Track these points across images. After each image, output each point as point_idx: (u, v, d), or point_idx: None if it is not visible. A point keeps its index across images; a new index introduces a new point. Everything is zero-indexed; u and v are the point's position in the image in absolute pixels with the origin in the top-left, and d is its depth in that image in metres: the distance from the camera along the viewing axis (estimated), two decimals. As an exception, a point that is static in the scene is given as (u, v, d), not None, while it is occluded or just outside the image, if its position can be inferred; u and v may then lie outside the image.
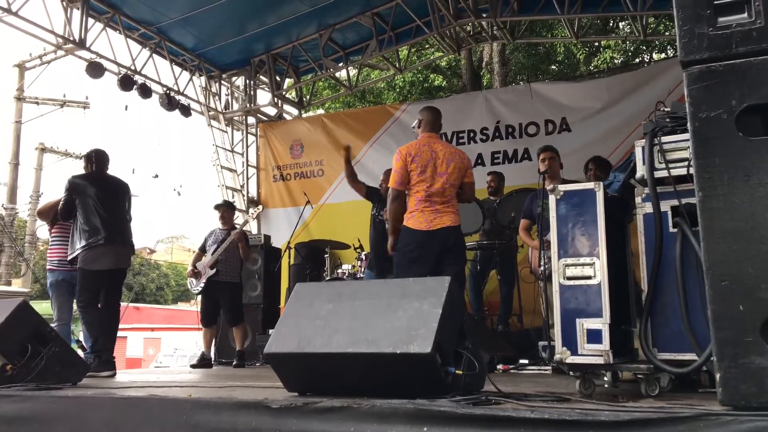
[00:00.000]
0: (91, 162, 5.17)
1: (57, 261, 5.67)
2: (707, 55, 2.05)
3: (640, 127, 7.58)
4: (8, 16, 6.83)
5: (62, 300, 5.62)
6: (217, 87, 9.81)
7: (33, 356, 3.32)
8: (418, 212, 4.35)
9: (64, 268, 5.61)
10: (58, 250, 5.69)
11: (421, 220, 4.33)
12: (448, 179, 4.39)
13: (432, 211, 4.34)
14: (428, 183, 4.35)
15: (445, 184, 4.38)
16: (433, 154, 4.40)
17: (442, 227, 4.33)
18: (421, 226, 4.32)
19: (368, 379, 2.41)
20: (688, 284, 2.60)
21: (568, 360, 2.58)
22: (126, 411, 2.61)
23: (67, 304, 5.66)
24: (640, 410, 1.97)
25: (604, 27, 12.38)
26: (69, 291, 5.61)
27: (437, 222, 4.33)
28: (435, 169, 4.37)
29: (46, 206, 5.85)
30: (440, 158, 4.40)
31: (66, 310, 5.65)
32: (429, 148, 4.43)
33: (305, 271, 7.52)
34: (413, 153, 4.39)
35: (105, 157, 5.23)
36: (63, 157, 20.63)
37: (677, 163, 2.67)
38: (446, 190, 4.39)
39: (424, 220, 4.33)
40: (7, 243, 17.99)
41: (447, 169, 4.39)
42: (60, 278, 5.62)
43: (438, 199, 4.36)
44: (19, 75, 16.55)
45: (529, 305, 6.43)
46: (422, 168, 4.35)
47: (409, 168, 4.37)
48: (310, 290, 2.82)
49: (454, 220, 4.41)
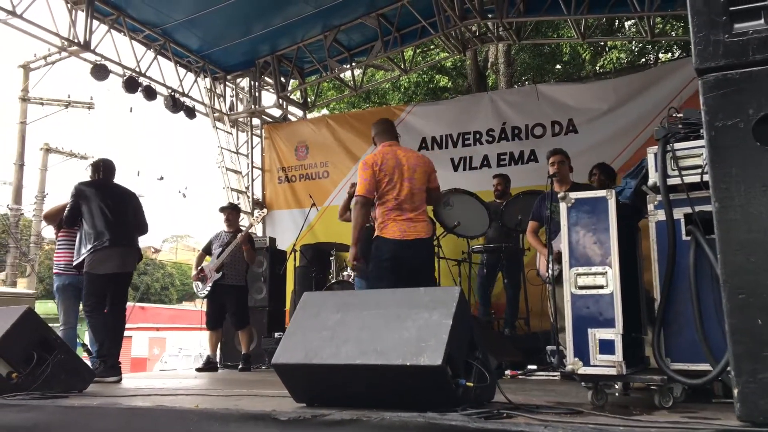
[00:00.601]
0: (98, 171, 5.17)
1: (63, 265, 5.67)
2: (723, 62, 2.01)
3: (648, 128, 7.57)
4: (13, 18, 6.81)
5: (68, 304, 5.62)
6: (222, 88, 9.79)
7: (38, 364, 3.30)
8: (390, 221, 4.27)
9: (70, 272, 5.59)
10: (65, 254, 5.69)
11: (395, 230, 4.25)
12: (414, 184, 4.32)
13: (404, 220, 4.27)
14: (397, 190, 4.28)
15: (413, 189, 4.31)
16: (398, 161, 4.33)
17: (417, 239, 4.26)
18: (395, 235, 4.24)
19: (377, 390, 2.38)
20: (701, 293, 2.56)
21: (580, 371, 2.54)
22: (132, 421, 2.58)
23: (73, 308, 5.66)
24: (656, 425, 1.94)
25: (611, 27, 12.32)
26: (75, 295, 5.61)
27: (411, 233, 4.26)
28: (402, 175, 4.30)
29: (52, 210, 5.84)
30: (404, 164, 4.34)
31: (72, 314, 5.64)
32: (393, 155, 4.36)
33: (311, 274, 7.49)
34: (379, 162, 4.31)
35: (112, 167, 5.25)
36: (68, 158, 20.68)
37: (690, 170, 2.64)
38: (415, 195, 4.32)
39: (398, 230, 4.25)
40: (12, 243, 18.02)
41: (413, 174, 4.33)
42: (66, 282, 5.61)
43: (408, 206, 4.29)
44: (24, 76, 16.57)
45: (536, 308, 6.39)
46: (390, 176, 4.28)
47: (378, 177, 4.27)
48: (317, 300, 2.78)
49: (427, 230, 4.37)
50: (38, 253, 20.20)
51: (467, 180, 7.59)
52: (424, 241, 4.32)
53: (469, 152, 8.46)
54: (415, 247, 4.23)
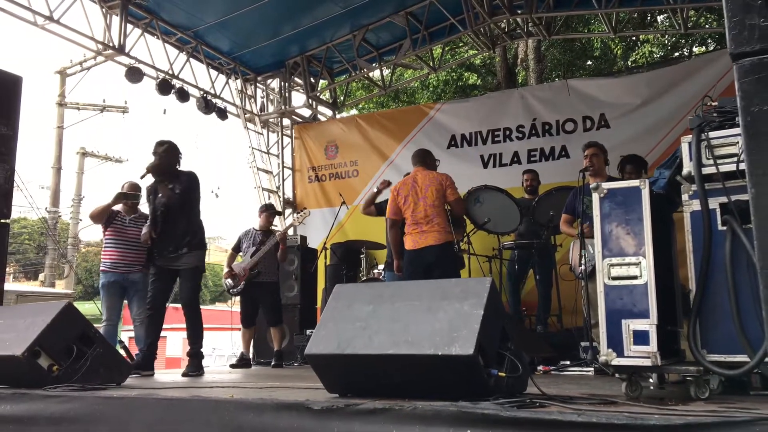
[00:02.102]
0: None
1: (109, 263, 5.80)
2: (758, 46, 1.97)
3: (682, 122, 7.45)
4: (50, 23, 6.99)
5: (112, 301, 5.75)
6: (253, 90, 9.89)
7: (78, 357, 3.37)
8: (408, 235, 5.24)
9: (115, 270, 5.75)
10: (111, 253, 5.83)
11: (410, 242, 5.21)
12: (426, 202, 5.16)
13: (418, 233, 5.16)
14: (412, 209, 5.20)
15: (426, 207, 5.15)
16: (414, 184, 5.26)
17: (425, 246, 5.12)
18: (409, 246, 5.21)
19: (409, 381, 2.39)
20: (738, 283, 2.52)
21: (613, 362, 2.52)
22: (169, 411, 2.63)
23: (116, 305, 5.79)
24: (693, 414, 1.91)
25: (642, 21, 12.14)
26: (119, 293, 5.75)
27: (421, 242, 5.13)
28: (416, 195, 5.21)
29: (97, 210, 5.90)
30: (419, 185, 5.24)
31: (115, 312, 5.77)
32: (412, 180, 5.32)
33: (341, 272, 7.54)
34: (398, 188, 5.36)
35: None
36: (103, 161, 21.11)
37: (726, 158, 2.59)
38: (428, 211, 5.15)
39: (412, 241, 5.19)
40: (50, 245, 18.46)
41: (426, 193, 5.19)
42: (111, 279, 5.75)
43: (422, 220, 5.16)
44: (61, 81, 16.99)
45: (569, 305, 6.32)
46: (405, 198, 5.25)
47: (398, 201, 5.28)
48: (349, 292, 2.81)
49: (437, 238, 5.12)
50: (75, 255, 20.65)
51: (497, 177, 7.55)
52: (432, 247, 5.11)
53: (498, 149, 8.41)
54: (424, 252, 5.11)
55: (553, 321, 6.58)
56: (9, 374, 3.33)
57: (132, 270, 5.80)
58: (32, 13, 6.85)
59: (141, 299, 5.81)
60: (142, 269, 5.82)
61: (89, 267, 29.64)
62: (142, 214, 6.06)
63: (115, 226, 5.86)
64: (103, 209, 5.82)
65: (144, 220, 5.95)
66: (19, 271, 28.16)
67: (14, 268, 26.53)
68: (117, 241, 5.83)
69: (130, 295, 5.82)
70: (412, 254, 5.17)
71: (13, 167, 4.58)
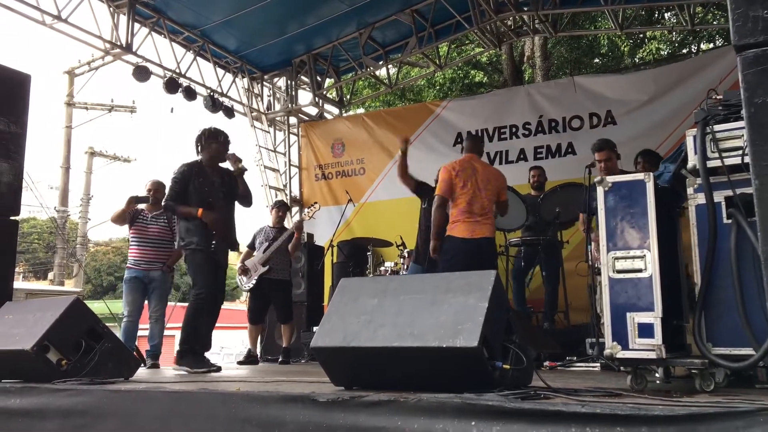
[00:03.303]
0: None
1: (132, 260, 5.92)
2: (762, 38, 1.98)
3: (689, 119, 7.40)
4: (59, 23, 7.04)
5: (133, 297, 5.82)
6: (260, 88, 9.93)
7: (86, 352, 3.40)
8: (460, 222, 5.00)
9: (137, 267, 5.84)
10: (134, 250, 5.95)
11: (463, 230, 4.98)
12: (487, 195, 5.08)
13: (473, 222, 5.00)
14: (469, 196, 5.02)
15: (485, 200, 5.06)
16: (474, 173, 5.10)
17: (482, 237, 4.99)
18: (463, 234, 4.97)
19: (414, 373, 2.40)
20: (743, 276, 2.51)
21: (618, 355, 2.53)
22: (177, 404, 2.66)
23: (138, 301, 5.86)
24: (697, 405, 1.92)
25: (649, 18, 12.09)
26: (140, 289, 5.82)
27: (478, 232, 4.98)
28: (477, 185, 5.06)
29: (115, 214, 6.02)
30: (480, 176, 5.10)
31: (136, 308, 5.85)
32: (471, 165, 5.14)
33: (348, 269, 7.56)
34: (457, 168, 5.10)
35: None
36: (111, 161, 21.20)
37: (731, 152, 2.58)
38: (485, 206, 5.06)
39: (466, 230, 4.98)
40: (59, 245, 18.57)
41: (487, 187, 5.09)
42: (133, 275, 5.85)
43: (479, 211, 5.02)
44: (69, 81, 17.07)
45: (576, 302, 6.32)
46: (464, 182, 5.03)
47: (454, 181, 5.03)
48: (355, 285, 2.83)
49: (491, 231, 5.08)
50: (84, 254, 20.76)
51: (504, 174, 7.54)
52: (488, 239, 5.04)
53: (505, 146, 8.42)
54: (479, 242, 4.96)
55: (559, 318, 6.57)
56: (18, 368, 3.36)
57: (152, 267, 5.88)
58: (41, 12, 6.91)
59: (159, 296, 5.90)
60: (162, 267, 5.89)
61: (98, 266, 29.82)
62: (164, 212, 6.11)
63: (138, 224, 5.98)
64: (118, 214, 5.97)
65: (164, 216, 6.01)
66: (29, 271, 28.34)
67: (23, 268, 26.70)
68: (139, 239, 5.95)
69: (149, 291, 5.89)
70: (465, 243, 4.95)
71: (22, 165, 4.61)
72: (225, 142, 4.92)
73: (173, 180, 4.79)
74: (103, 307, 9.77)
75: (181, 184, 4.75)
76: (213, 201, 4.74)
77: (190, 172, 4.76)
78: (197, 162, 4.87)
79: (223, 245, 4.80)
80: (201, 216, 4.61)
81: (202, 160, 4.88)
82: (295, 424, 2.29)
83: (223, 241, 4.78)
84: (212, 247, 4.65)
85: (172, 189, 4.78)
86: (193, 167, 4.80)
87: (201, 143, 4.90)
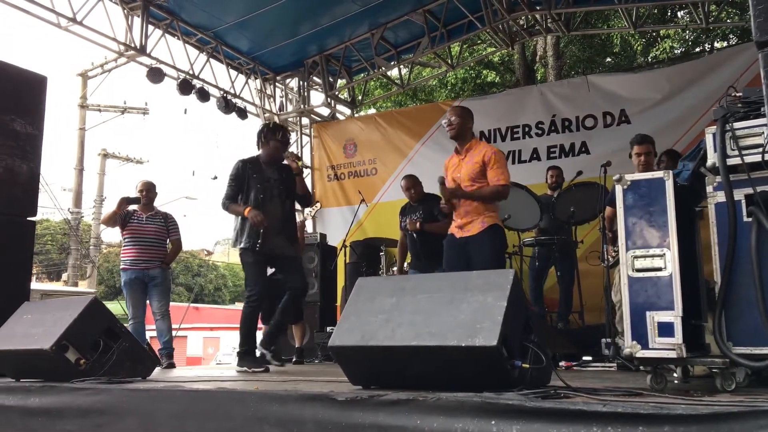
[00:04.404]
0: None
1: (129, 261, 5.90)
2: (785, 34, 1.96)
3: (705, 117, 7.31)
4: (73, 25, 7.09)
5: (135, 298, 5.84)
6: (272, 89, 9.96)
7: (104, 351, 3.42)
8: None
9: (135, 267, 5.85)
10: (130, 251, 5.93)
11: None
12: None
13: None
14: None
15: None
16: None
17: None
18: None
19: (433, 372, 2.40)
20: (764, 275, 2.49)
21: (638, 354, 2.51)
22: (195, 403, 2.66)
23: (140, 302, 5.88)
24: (720, 404, 1.90)
25: (663, 16, 12.02)
26: (141, 289, 5.83)
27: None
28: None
29: (106, 216, 6.10)
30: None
31: (140, 309, 5.87)
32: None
33: (361, 269, 7.55)
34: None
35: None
36: (124, 162, 21.34)
37: (751, 149, 2.56)
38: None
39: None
40: (73, 246, 18.69)
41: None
42: (132, 277, 5.85)
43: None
44: (82, 84, 17.20)
45: (591, 302, 6.29)
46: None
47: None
48: (372, 285, 2.82)
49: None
50: (97, 255, 20.89)
51: (517, 173, 7.45)
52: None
53: (518, 146, 8.39)
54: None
55: (574, 318, 6.54)
56: (37, 368, 3.39)
57: (151, 266, 5.90)
58: (56, 14, 6.96)
59: (161, 293, 5.90)
60: (161, 265, 5.92)
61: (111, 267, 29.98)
62: (159, 212, 6.16)
63: (132, 225, 5.98)
64: (109, 216, 6.00)
65: (161, 217, 6.05)
66: (42, 272, 28.55)
67: (37, 269, 26.90)
68: (135, 239, 5.95)
69: (150, 290, 5.90)
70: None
71: (38, 166, 4.64)
72: (284, 140, 4.85)
73: (228, 180, 4.74)
74: (116, 307, 9.81)
75: (235, 183, 4.68)
76: (265, 198, 4.65)
77: (244, 169, 4.69)
78: (255, 158, 4.80)
79: (277, 241, 4.66)
80: (247, 215, 4.55)
81: (261, 156, 4.81)
82: (314, 423, 2.29)
83: (276, 237, 4.65)
84: (258, 247, 4.56)
85: (227, 189, 4.74)
86: (248, 163, 4.73)
87: (261, 139, 4.83)
